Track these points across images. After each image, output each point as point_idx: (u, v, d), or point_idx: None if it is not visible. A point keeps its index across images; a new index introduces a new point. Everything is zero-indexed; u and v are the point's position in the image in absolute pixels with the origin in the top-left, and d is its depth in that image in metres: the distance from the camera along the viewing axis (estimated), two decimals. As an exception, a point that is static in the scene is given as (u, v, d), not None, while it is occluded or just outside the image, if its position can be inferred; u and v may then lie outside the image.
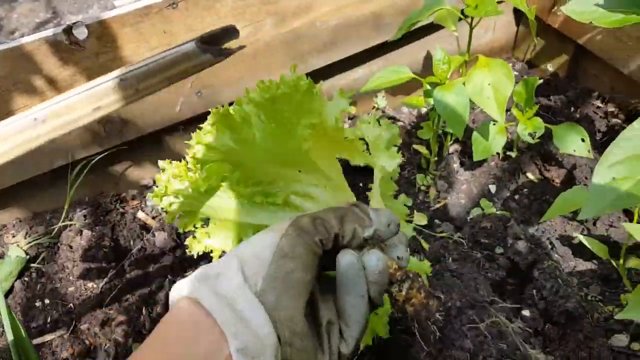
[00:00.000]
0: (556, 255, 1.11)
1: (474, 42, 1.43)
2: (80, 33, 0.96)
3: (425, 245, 1.12)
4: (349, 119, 1.41)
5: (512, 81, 0.99)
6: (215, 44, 0.47)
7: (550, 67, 1.49)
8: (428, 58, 1.44)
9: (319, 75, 1.29)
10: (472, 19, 1.05)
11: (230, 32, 0.47)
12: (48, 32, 0.94)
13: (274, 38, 1.15)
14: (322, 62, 1.25)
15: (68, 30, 0.95)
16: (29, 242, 1.06)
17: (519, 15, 1.49)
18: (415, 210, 1.20)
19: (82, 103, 0.42)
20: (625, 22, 0.95)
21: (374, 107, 1.44)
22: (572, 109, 1.38)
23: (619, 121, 1.32)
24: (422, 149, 1.25)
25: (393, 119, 1.41)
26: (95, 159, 1.10)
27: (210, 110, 0.55)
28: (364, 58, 1.34)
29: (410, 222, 1.17)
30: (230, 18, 1.07)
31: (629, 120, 1.32)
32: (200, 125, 0.58)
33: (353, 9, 1.20)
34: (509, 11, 1.49)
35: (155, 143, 1.19)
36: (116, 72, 0.44)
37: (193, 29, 1.05)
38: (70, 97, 0.42)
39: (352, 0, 1.18)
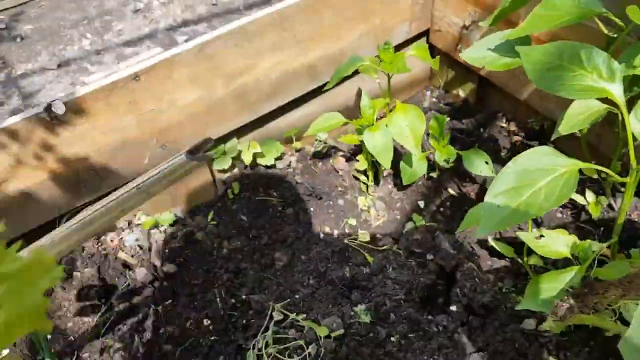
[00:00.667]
0: (476, 257, 1.35)
1: (397, 77, 1.67)
2: (59, 109, 1.11)
3: (370, 259, 1.33)
4: (296, 151, 1.61)
5: (423, 122, 1.22)
6: (198, 152, 0.65)
7: (461, 93, 1.74)
8: (357, 95, 1.66)
9: (264, 119, 1.49)
10: (390, 70, 1.27)
11: (207, 142, 0.66)
12: (32, 111, 1.09)
13: (225, 95, 1.33)
14: (267, 109, 1.45)
15: (48, 108, 1.10)
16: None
17: (434, 52, 1.74)
18: (359, 229, 1.42)
19: (114, 209, 0.60)
20: (512, 66, 1.20)
21: (316, 139, 1.64)
22: (482, 129, 1.63)
23: (520, 138, 1.58)
24: (361, 176, 1.46)
25: (334, 148, 1.62)
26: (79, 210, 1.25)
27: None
28: (303, 100, 1.55)
29: (356, 239, 1.38)
30: (186, 84, 1.25)
31: (527, 137, 1.58)
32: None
33: (291, 63, 1.40)
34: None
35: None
36: (134, 183, 0.62)
37: (155, 96, 1.22)
38: (107, 203, 0.60)
39: (290, 56, 1.39)
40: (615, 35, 1.11)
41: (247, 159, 1.44)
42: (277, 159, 1.53)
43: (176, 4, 2.47)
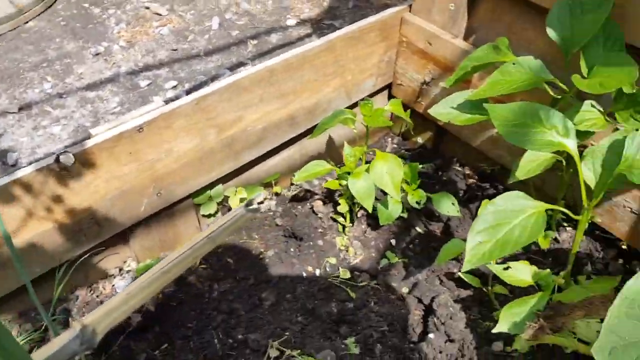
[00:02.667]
0: (445, 288, 1.50)
1: (361, 124, 1.83)
2: (68, 160, 1.16)
3: (353, 294, 1.45)
4: (276, 195, 1.71)
5: (402, 169, 1.37)
6: (251, 204, 0.76)
7: (420, 140, 1.93)
8: (330, 139, 1.80)
9: (249, 165, 1.59)
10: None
11: (257, 197, 0.77)
12: (42, 162, 1.13)
13: (216, 144, 1.42)
14: (252, 156, 1.55)
15: (57, 159, 1.15)
16: (22, 340, 1.21)
17: (393, 101, 1.92)
18: (339, 267, 1.53)
19: (188, 257, 0.68)
20: (473, 121, 1.38)
21: (291, 183, 1.76)
22: (440, 173, 1.82)
23: (474, 181, 1.78)
24: (339, 217, 1.59)
25: (309, 192, 1.74)
26: (81, 259, 1.28)
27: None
28: (283, 147, 1.66)
29: (337, 277, 1.50)
30: (183, 133, 1.33)
31: (481, 179, 1.78)
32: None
33: (274, 114, 1.52)
34: (385, 101, 1.92)
35: (120, 238, 1.39)
36: (205, 233, 0.70)
37: (152, 145, 1.29)
38: (183, 252, 0.68)
39: (273, 108, 1.51)
40: (559, 97, 1.33)
41: (234, 203, 1.53)
42: (258, 203, 1.62)
43: (137, 49, 2.53)
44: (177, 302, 1.40)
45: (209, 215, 1.57)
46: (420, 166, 1.83)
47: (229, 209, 1.60)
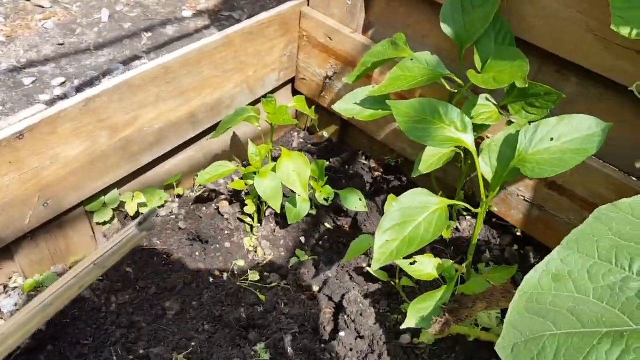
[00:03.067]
0: (355, 284, 1.50)
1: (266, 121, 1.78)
2: None
3: (262, 297, 1.41)
4: (178, 197, 1.62)
5: (309, 167, 1.35)
6: (145, 222, 0.69)
7: (325, 134, 1.92)
8: (235, 137, 1.74)
9: (148, 167, 1.49)
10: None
11: (152, 213, 0.70)
12: None
13: (109, 147, 1.32)
14: (150, 158, 1.46)
15: None
16: None
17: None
18: (248, 269, 1.48)
19: (73, 286, 0.60)
20: (376, 116, 1.39)
21: (193, 184, 1.68)
22: (347, 167, 1.82)
23: (380, 174, 1.80)
24: (246, 218, 1.54)
25: (214, 192, 1.67)
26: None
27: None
28: (185, 146, 1.58)
29: (246, 280, 1.45)
30: (72, 137, 1.22)
31: (386, 172, 1.81)
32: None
33: (173, 113, 1.43)
34: (290, 95, 1.89)
35: (4, 253, 1.25)
36: (91, 260, 0.63)
37: (36, 152, 1.17)
38: (66, 282, 0.60)
39: (172, 107, 1.42)
40: (456, 91, 1.36)
41: (131, 209, 1.43)
42: (159, 207, 1.53)
43: (18, 44, 2.30)
44: (70, 318, 1.29)
45: (104, 223, 1.46)
46: (327, 162, 1.83)
47: (127, 216, 1.50)
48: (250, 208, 1.48)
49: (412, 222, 1.08)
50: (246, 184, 1.45)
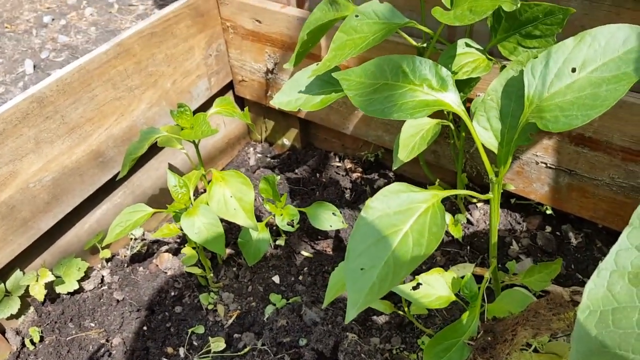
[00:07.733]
0: (352, 324, 1.14)
1: (209, 140, 1.44)
2: None
3: (232, 372, 1.05)
4: (107, 261, 1.27)
5: (251, 187, 0.99)
6: None
7: (286, 142, 1.57)
8: (171, 167, 1.39)
9: (52, 235, 1.15)
10: (194, 137, 1.03)
11: None
12: None
13: (-19, 219, 0.98)
14: (51, 222, 1.11)
15: None
16: None
17: (244, 104, 1.55)
18: (209, 337, 1.13)
19: None
20: (328, 101, 1.03)
21: (131, 238, 1.33)
22: (318, 174, 1.47)
23: (359, 174, 1.44)
24: (195, 269, 1.18)
25: (157, 242, 1.32)
26: None
27: None
28: (103, 195, 1.23)
29: (209, 352, 1.09)
30: None
31: (365, 170, 1.45)
32: None
33: (66, 157, 1.09)
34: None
35: None
36: None
37: None
38: None
39: (62, 149, 1.08)
40: (425, 45, 1.01)
41: (39, 293, 1.08)
42: (82, 279, 1.18)
43: None
44: None
45: (14, 317, 1.12)
46: (294, 174, 1.47)
47: (42, 302, 1.15)
48: (190, 258, 1.12)
49: (394, 235, 0.72)
50: (180, 228, 1.09)
